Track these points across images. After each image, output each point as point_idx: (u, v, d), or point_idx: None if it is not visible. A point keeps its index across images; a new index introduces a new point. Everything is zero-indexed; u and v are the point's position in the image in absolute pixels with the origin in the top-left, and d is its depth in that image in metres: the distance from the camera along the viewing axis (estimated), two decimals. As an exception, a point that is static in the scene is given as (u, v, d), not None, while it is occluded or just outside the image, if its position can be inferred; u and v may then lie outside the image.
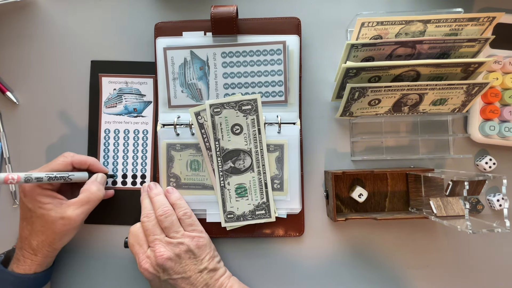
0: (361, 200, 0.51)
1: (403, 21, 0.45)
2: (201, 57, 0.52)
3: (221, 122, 0.47)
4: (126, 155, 0.54)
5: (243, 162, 0.49)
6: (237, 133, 0.48)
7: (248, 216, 0.50)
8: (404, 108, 0.49)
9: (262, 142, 0.48)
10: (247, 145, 0.48)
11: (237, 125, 0.48)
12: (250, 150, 0.48)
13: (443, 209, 0.47)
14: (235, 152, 0.48)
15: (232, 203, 0.50)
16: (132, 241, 0.47)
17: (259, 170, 0.49)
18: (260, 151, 0.48)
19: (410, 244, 0.53)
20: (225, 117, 0.47)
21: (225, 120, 0.47)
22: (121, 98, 0.54)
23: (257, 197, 0.50)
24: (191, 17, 0.54)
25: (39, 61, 0.55)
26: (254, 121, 0.48)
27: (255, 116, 0.48)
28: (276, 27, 0.52)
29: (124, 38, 0.55)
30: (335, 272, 0.53)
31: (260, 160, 0.48)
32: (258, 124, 0.48)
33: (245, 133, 0.48)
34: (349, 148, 0.54)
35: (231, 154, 0.48)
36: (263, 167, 0.49)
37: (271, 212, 0.50)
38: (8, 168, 0.54)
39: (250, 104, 0.47)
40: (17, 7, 0.55)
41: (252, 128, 0.48)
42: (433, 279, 0.53)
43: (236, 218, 0.50)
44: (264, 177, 0.49)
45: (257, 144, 0.48)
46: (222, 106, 0.47)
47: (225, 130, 0.48)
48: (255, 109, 0.47)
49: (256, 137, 0.48)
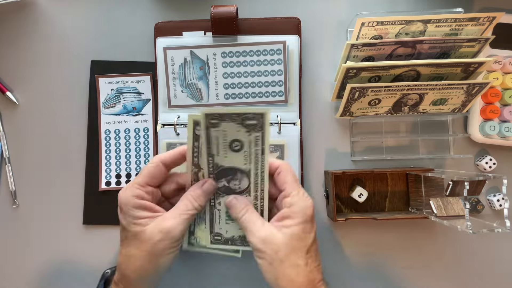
0: (361, 200, 0.51)
1: (403, 21, 0.45)
2: (201, 57, 0.52)
3: (218, 136, 0.39)
4: (128, 154, 0.54)
5: (239, 182, 0.41)
6: (236, 150, 0.40)
7: (237, 241, 0.43)
8: (404, 108, 0.49)
9: (264, 164, 0.40)
10: (246, 165, 0.40)
11: (237, 141, 0.39)
12: (249, 171, 0.40)
13: (443, 209, 0.47)
14: (231, 170, 0.40)
15: (221, 225, 0.42)
16: None
17: (256, 195, 0.41)
18: (261, 174, 0.40)
19: (410, 244, 0.53)
20: (223, 130, 0.38)
21: (223, 134, 0.39)
22: (119, 97, 0.54)
23: None
24: (191, 17, 0.54)
25: (39, 61, 0.55)
26: (259, 139, 0.39)
27: (260, 133, 0.38)
28: (276, 27, 0.52)
29: (124, 38, 0.55)
30: (335, 272, 0.53)
31: (259, 184, 0.41)
32: (263, 143, 0.39)
33: (245, 151, 0.39)
34: (349, 148, 0.54)
35: (226, 172, 0.41)
36: (261, 192, 0.41)
37: None
38: (8, 168, 0.54)
39: (256, 119, 0.38)
40: (17, 7, 0.55)
41: (255, 146, 0.39)
42: (433, 279, 0.52)
43: (224, 241, 0.43)
44: (261, 204, 0.41)
45: (258, 165, 0.40)
46: (220, 117, 0.37)
47: (222, 145, 0.39)
48: (261, 125, 0.38)
49: (259, 157, 0.40)
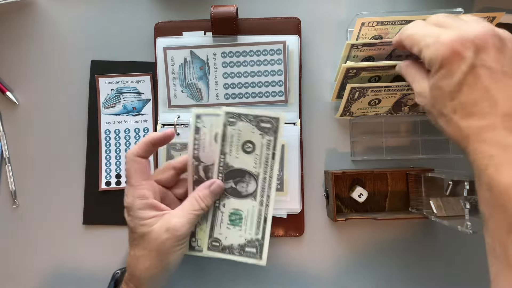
0: (361, 200, 0.51)
1: (403, 21, 0.45)
2: (201, 57, 0.52)
3: (233, 134, 0.40)
4: (128, 155, 0.54)
5: (246, 185, 0.42)
6: (248, 151, 0.41)
7: (235, 250, 0.42)
8: (404, 108, 0.49)
9: (273, 169, 0.41)
10: (255, 168, 0.41)
11: (250, 142, 0.40)
12: (258, 174, 0.41)
13: (443, 209, 0.47)
14: (241, 172, 0.41)
15: (221, 229, 0.42)
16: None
17: (261, 200, 0.42)
18: (269, 179, 0.41)
19: (410, 244, 0.53)
20: (239, 130, 0.40)
21: (238, 133, 0.40)
22: (119, 97, 0.54)
23: (251, 231, 0.42)
24: (191, 17, 0.54)
25: (39, 61, 0.55)
26: (271, 143, 0.40)
27: (273, 137, 0.40)
28: (276, 27, 0.52)
29: (124, 38, 0.55)
30: (335, 272, 0.53)
31: (266, 189, 0.41)
32: (274, 148, 0.40)
33: (256, 154, 0.41)
34: (349, 148, 0.54)
35: (235, 173, 0.41)
36: (267, 198, 0.41)
37: (263, 254, 0.42)
38: (8, 168, 0.54)
39: (270, 123, 0.39)
40: (17, 7, 0.55)
41: (266, 150, 0.40)
42: (433, 279, 0.52)
43: (221, 248, 0.42)
44: (266, 211, 0.42)
45: (267, 170, 0.41)
46: (238, 117, 0.39)
47: (235, 145, 0.40)
48: (275, 129, 0.40)
49: (269, 161, 0.41)
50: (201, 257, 0.44)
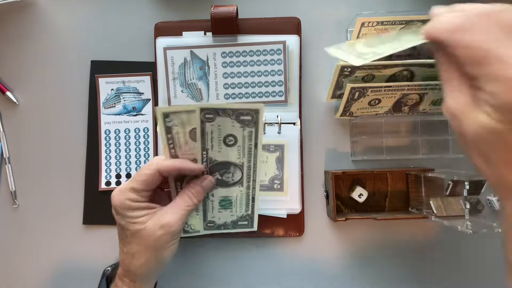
0: (361, 200, 0.51)
1: (403, 21, 0.45)
2: (201, 57, 0.52)
3: (213, 130, 0.40)
4: (128, 154, 0.54)
5: (232, 175, 0.43)
6: (230, 144, 0.41)
7: (229, 225, 0.46)
8: (404, 108, 0.49)
9: (257, 156, 0.42)
10: (239, 159, 0.42)
11: (231, 136, 0.41)
12: (242, 164, 0.42)
13: (443, 209, 0.47)
14: (225, 164, 0.42)
15: (213, 213, 0.45)
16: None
17: (248, 185, 0.43)
18: (254, 166, 0.43)
19: (410, 244, 0.53)
20: (218, 125, 0.40)
21: (218, 128, 0.40)
22: (119, 97, 0.54)
23: (242, 210, 0.45)
24: (191, 17, 0.54)
25: (39, 61, 0.55)
26: (252, 133, 0.41)
27: (254, 128, 0.40)
28: (276, 27, 0.52)
29: (124, 38, 0.55)
30: (335, 272, 0.53)
31: (251, 175, 0.43)
32: (256, 138, 0.41)
33: (239, 146, 0.41)
34: (349, 148, 0.54)
35: (220, 166, 0.42)
36: (253, 182, 0.43)
37: (254, 223, 0.46)
38: (8, 168, 0.54)
39: (250, 115, 0.40)
40: (17, 7, 0.55)
41: (249, 141, 0.41)
42: (433, 279, 0.52)
43: (216, 226, 0.45)
44: (253, 192, 0.44)
45: (251, 159, 0.42)
46: (216, 112, 0.39)
47: (216, 140, 0.40)
48: (255, 121, 0.40)
49: (252, 151, 0.42)
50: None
